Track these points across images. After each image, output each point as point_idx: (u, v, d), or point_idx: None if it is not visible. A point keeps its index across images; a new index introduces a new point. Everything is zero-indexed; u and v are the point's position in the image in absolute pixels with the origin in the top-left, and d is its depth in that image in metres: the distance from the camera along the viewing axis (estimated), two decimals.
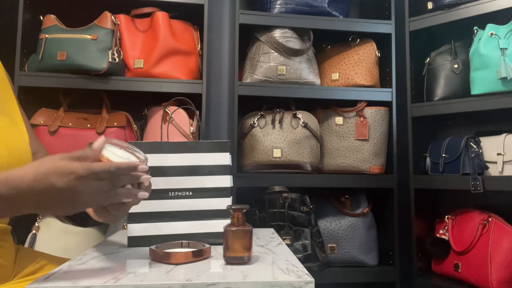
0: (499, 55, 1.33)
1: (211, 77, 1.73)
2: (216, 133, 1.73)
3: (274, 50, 1.51)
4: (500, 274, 1.27)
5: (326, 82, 1.64)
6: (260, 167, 1.49)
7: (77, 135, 1.35)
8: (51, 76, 1.34)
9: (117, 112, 1.44)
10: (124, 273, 0.65)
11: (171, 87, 1.41)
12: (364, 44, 1.61)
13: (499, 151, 1.37)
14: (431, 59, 1.58)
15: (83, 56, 1.33)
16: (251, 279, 0.62)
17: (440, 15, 1.50)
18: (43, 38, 1.35)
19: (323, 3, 1.55)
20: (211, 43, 1.74)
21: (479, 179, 1.34)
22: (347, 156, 1.57)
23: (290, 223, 1.43)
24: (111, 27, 1.38)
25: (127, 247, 0.86)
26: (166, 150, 0.89)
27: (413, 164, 1.56)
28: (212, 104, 1.73)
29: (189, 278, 0.62)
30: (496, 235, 1.31)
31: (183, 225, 0.88)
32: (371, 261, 1.54)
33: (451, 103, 1.47)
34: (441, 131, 1.71)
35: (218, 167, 0.90)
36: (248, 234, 0.72)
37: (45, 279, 0.62)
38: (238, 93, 1.47)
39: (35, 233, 1.29)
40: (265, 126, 1.52)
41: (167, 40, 1.42)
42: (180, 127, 1.39)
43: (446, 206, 1.64)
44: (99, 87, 1.37)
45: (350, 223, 1.53)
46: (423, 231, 1.57)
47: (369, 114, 1.57)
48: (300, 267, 0.70)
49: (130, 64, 1.43)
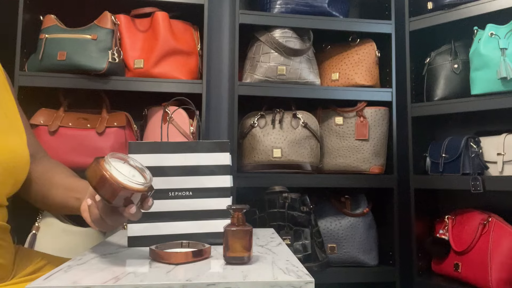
0: (499, 55, 1.33)
1: (211, 77, 1.73)
2: (216, 133, 1.73)
3: (274, 50, 1.51)
4: (500, 274, 1.27)
5: (326, 82, 1.64)
6: (260, 167, 1.49)
7: (77, 135, 1.35)
8: (51, 76, 1.34)
9: (117, 112, 1.44)
10: (124, 273, 0.65)
11: (171, 87, 1.41)
12: (364, 44, 1.61)
13: (499, 151, 1.37)
14: (431, 59, 1.58)
15: (83, 56, 1.33)
16: (251, 279, 0.62)
17: (440, 15, 1.50)
18: (43, 38, 1.35)
19: (323, 3, 1.55)
20: (211, 43, 1.74)
21: (479, 179, 1.34)
22: (347, 156, 1.57)
23: (290, 223, 1.43)
24: (111, 27, 1.38)
25: (127, 247, 0.86)
26: (166, 150, 0.89)
27: (413, 164, 1.56)
28: (212, 104, 1.73)
29: (189, 278, 0.62)
30: (496, 235, 1.31)
31: (183, 225, 0.88)
32: (371, 261, 1.54)
33: (451, 103, 1.47)
34: (441, 131, 1.71)
35: (218, 167, 0.90)
36: (248, 234, 0.72)
37: (45, 279, 0.62)
38: (238, 93, 1.47)
39: (35, 233, 1.29)
40: (265, 126, 1.52)
41: (167, 40, 1.42)
42: (180, 127, 1.39)
43: (446, 206, 1.64)
44: (99, 87, 1.36)
45: (350, 223, 1.53)
46: (423, 231, 1.57)
47: (369, 114, 1.57)
48: (300, 267, 0.70)
49: (130, 64, 1.43)
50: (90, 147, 1.34)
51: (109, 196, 0.66)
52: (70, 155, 1.32)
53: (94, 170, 0.67)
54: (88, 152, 1.34)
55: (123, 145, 1.39)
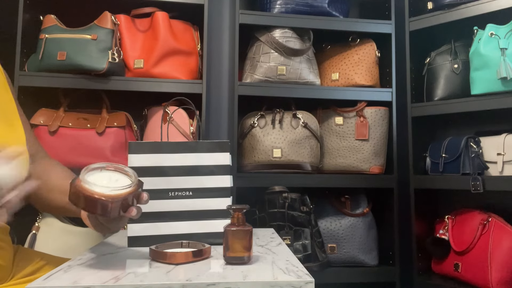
0: (499, 55, 1.33)
1: (211, 77, 1.73)
2: (216, 133, 1.73)
3: (274, 50, 1.51)
4: (500, 274, 1.27)
5: (326, 82, 1.64)
6: (260, 167, 1.49)
7: (77, 135, 1.35)
8: (51, 76, 1.34)
9: (117, 112, 1.44)
10: (124, 273, 0.65)
11: (171, 87, 1.41)
12: (364, 44, 1.61)
13: (499, 151, 1.37)
14: (431, 59, 1.58)
15: (83, 56, 1.33)
16: (251, 279, 0.62)
17: (440, 15, 1.50)
18: (43, 38, 1.35)
19: (323, 3, 1.55)
20: (211, 43, 1.74)
21: (479, 179, 1.34)
22: (347, 156, 1.57)
23: (290, 223, 1.43)
24: (111, 27, 1.38)
25: (127, 247, 0.86)
26: (166, 150, 0.89)
27: (413, 164, 1.56)
28: (212, 104, 1.73)
29: (189, 278, 0.62)
30: (496, 235, 1.31)
31: (183, 225, 0.88)
32: (371, 261, 1.53)
33: (451, 103, 1.47)
34: (441, 131, 1.71)
35: (218, 167, 0.90)
36: (248, 234, 0.72)
37: (45, 279, 0.62)
38: (238, 93, 1.47)
39: (35, 233, 1.29)
40: (265, 126, 1.52)
41: (167, 40, 1.42)
42: (180, 127, 1.39)
43: (446, 206, 1.64)
44: (99, 87, 1.37)
45: (350, 223, 1.53)
46: (423, 231, 1.57)
47: (369, 114, 1.57)
48: (300, 267, 0.70)
49: (130, 64, 1.43)
50: (90, 147, 1.34)
51: (103, 212, 0.64)
52: (70, 155, 1.32)
53: (75, 194, 0.65)
54: (88, 152, 1.34)
55: (123, 145, 1.39)
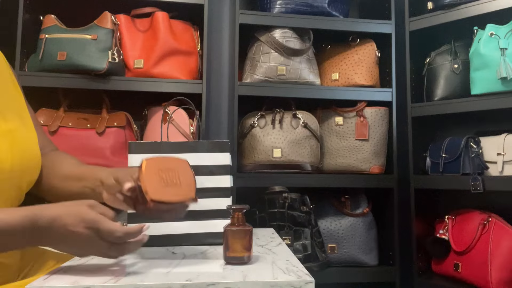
0: (499, 55, 1.33)
1: (211, 77, 1.73)
2: (216, 133, 1.73)
3: (274, 50, 1.51)
4: (500, 274, 1.27)
5: (326, 82, 1.64)
6: (260, 167, 1.49)
7: (77, 135, 1.35)
8: (51, 76, 1.34)
9: (117, 112, 1.44)
10: (124, 273, 0.65)
11: (171, 87, 1.41)
12: (364, 44, 1.61)
13: (499, 151, 1.37)
14: (431, 59, 1.58)
15: (83, 56, 1.33)
16: (251, 279, 0.62)
17: (440, 15, 1.50)
18: (43, 38, 1.35)
19: (323, 3, 1.55)
20: (211, 43, 1.74)
21: (479, 179, 1.34)
22: (347, 156, 1.57)
23: (290, 223, 1.43)
24: (111, 27, 1.38)
25: None
26: (166, 150, 0.89)
27: (413, 164, 1.56)
28: (212, 104, 1.73)
29: (189, 278, 0.63)
30: (496, 235, 1.31)
31: (183, 225, 0.88)
32: (371, 261, 1.53)
33: (451, 103, 1.47)
34: (441, 131, 1.71)
35: (218, 167, 0.90)
36: (248, 234, 0.72)
37: (45, 279, 0.62)
38: (238, 93, 1.47)
39: None
40: (265, 126, 1.52)
41: (167, 40, 1.42)
42: (180, 127, 1.39)
43: (446, 206, 1.63)
44: (99, 87, 1.37)
45: (350, 223, 1.53)
46: (423, 231, 1.57)
47: (369, 114, 1.57)
48: (300, 267, 0.70)
49: (130, 64, 1.43)
50: (90, 147, 1.34)
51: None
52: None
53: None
54: (88, 152, 1.34)
55: (123, 145, 1.39)
